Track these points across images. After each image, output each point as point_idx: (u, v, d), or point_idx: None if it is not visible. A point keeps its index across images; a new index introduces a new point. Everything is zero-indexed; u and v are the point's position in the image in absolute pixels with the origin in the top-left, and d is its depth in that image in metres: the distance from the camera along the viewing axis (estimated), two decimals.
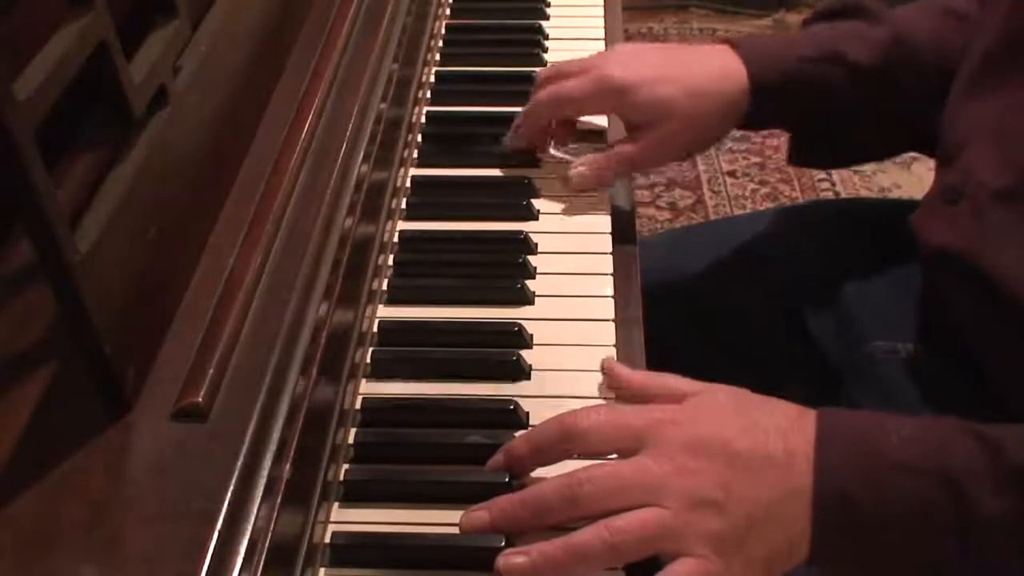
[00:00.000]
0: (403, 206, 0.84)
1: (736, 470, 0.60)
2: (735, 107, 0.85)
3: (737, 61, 0.85)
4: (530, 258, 0.80)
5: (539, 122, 0.88)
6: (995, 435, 0.61)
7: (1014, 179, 0.74)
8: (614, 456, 0.62)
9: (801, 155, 0.95)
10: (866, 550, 0.61)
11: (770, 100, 0.85)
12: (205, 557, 0.47)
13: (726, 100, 0.85)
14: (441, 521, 0.62)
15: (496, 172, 0.88)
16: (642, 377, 0.68)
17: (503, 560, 0.58)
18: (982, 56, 0.80)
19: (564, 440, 0.62)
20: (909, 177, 2.14)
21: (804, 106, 0.88)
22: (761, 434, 0.61)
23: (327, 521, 0.62)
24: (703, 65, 0.85)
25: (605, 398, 0.69)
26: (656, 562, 0.59)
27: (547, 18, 1.09)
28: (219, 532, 0.48)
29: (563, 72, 0.86)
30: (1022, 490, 0.59)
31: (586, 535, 0.58)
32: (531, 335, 0.73)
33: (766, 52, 0.86)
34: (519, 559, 0.58)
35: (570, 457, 0.63)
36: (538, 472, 0.63)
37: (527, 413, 0.68)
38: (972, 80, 0.81)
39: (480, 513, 0.60)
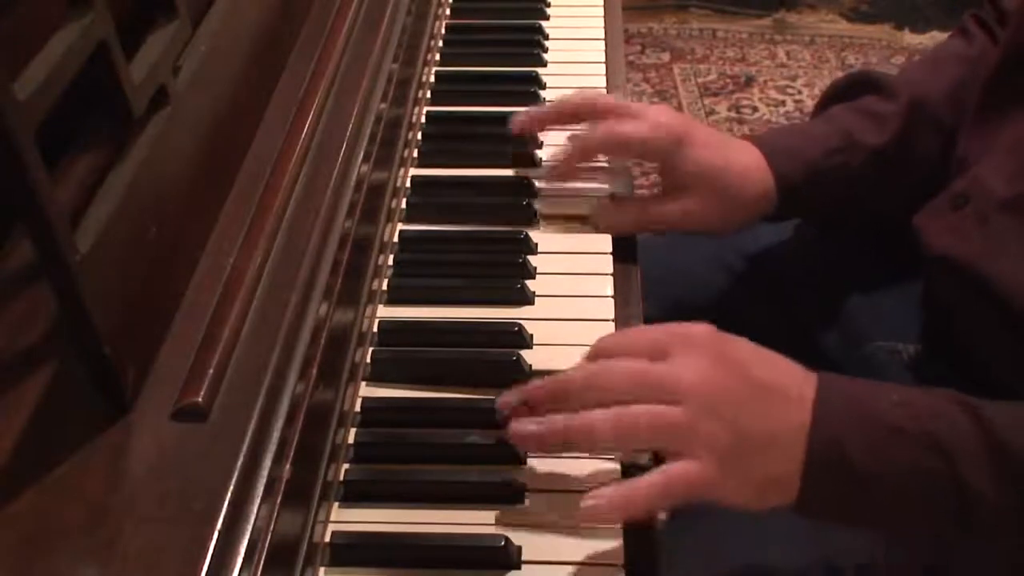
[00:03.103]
0: (403, 206, 0.84)
1: (751, 394, 0.63)
2: (765, 200, 0.85)
3: (762, 158, 0.85)
4: (530, 258, 0.80)
5: (589, 157, 0.85)
6: (987, 410, 0.62)
7: (1022, 190, 0.74)
8: None
9: (831, 230, 0.97)
10: (851, 506, 0.63)
11: (796, 195, 0.86)
12: (205, 557, 0.47)
13: (759, 191, 0.85)
14: (441, 521, 0.62)
15: (496, 172, 0.88)
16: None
17: (513, 424, 0.61)
18: (995, 69, 0.80)
19: (596, 355, 0.64)
20: None
21: (828, 196, 0.88)
22: (777, 372, 0.65)
23: (327, 521, 0.62)
24: (741, 153, 0.85)
25: None
26: (656, 561, 0.60)
27: (547, 18, 1.09)
28: (219, 532, 0.48)
29: (607, 110, 0.84)
30: (1003, 461, 0.61)
31: (595, 413, 0.60)
32: (531, 335, 0.73)
33: (787, 149, 0.86)
34: (529, 424, 0.61)
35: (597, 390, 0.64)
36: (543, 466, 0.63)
37: None
38: (986, 93, 0.81)
39: (512, 393, 0.64)
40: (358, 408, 0.68)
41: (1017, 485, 0.61)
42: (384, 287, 0.77)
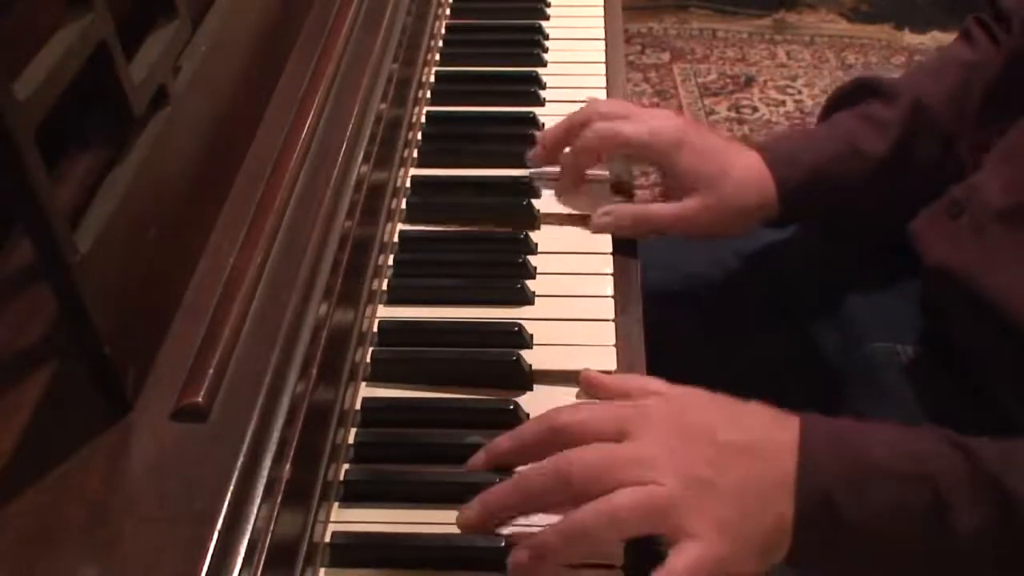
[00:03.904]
0: (403, 206, 0.84)
1: (724, 456, 0.60)
2: (767, 206, 0.85)
3: (763, 165, 0.85)
4: (530, 258, 0.80)
5: (589, 160, 0.85)
6: (975, 446, 0.61)
7: (1017, 200, 0.74)
8: None
9: (832, 236, 0.96)
10: (846, 553, 0.61)
11: (797, 201, 0.85)
12: (205, 557, 0.47)
13: (760, 197, 0.85)
14: (441, 521, 0.62)
15: (496, 172, 0.88)
16: (618, 379, 0.68)
17: (510, 560, 0.58)
18: (996, 76, 0.80)
19: (548, 435, 0.61)
20: None
21: (830, 203, 0.88)
22: (745, 428, 0.62)
23: (327, 521, 0.62)
24: (741, 157, 0.85)
25: (586, 396, 0.69)
26: (655, 563, 0.59)
27: (547, 18, 1.09)
28: (219, 532, 0.48)
29: (605, 114, 0.85)
30: (995, 500, 0.59)
31: (583, 512, 0.57)
32: (531, 335, 0.73)
33: (789, 155, 0.86)
34: (519, 553, 0.58)
35: (554, 455, 0.62)
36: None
37: (527, 414, 0.68)
38: (987, 100, 0.81)
39: (470, 508, 0.60)
40: (358, 408, 0.68)
41: (1003, 520, 0.59)
42: (384, 287, 0.77)
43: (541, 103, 0.97)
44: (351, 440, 0.66)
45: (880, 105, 0.89)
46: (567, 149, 0.86)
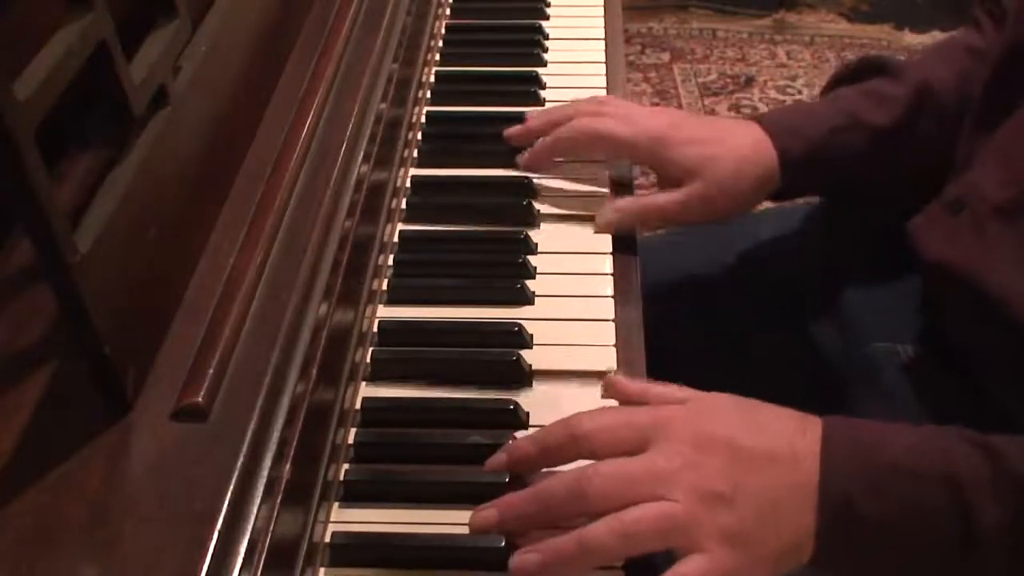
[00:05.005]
0: (403, 206, 0.84)
1: (742, 465, 0.60)
2: (768, 180, 0.85)
3: (765, 137, 0.85)
4: (530, 258, 0.80)
5: (567, 151, 0.87)
6: (997, 444, 0.61)
7: (1014, 194, 0.74)
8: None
9: (837, 214, 0.96)
10: (868, 555, 0.61)
11: (799, 173, 0.86)
12: (205, 557, 0.47)
13: (759, 173, 0.85)
14: (441, 521, 0.62)
15: (496, 172, 0.88)
16: (641, 386, 0.67)
17: (514, 560, 0.58)
18: (992, 72, 0.80)
19: (570, 441, 0.61)
20: None
21: (832, 175, 0.88)
22: (766, 434, 0.62)
23: (327, 521, 0.62)
24: (735, 137, 0.85)
25: (605, 398, 0.69)
26: (655, 563, 0.59)
27: (547, 18, 1.09)
28: (219, 532, 0.48)
29: (591, 108, 0.86)
30: (1016, 496, 0.59)
31: (598, 527, 0.57)
32: (531, 335, 0.73)
33: (791, 126, 0.86)
34: (531, 556, 0.58)
35: (575, 460, 0.63)
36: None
37: (527, 413, 0.68)
38: (985, 96, 0.81)
39: (488, 511, 0.60)
40: (358, 408, 0.68)
41: (1022, 515, 0.59)
42: (384, 287, 0.77)
43: (541, 103, 0.97)
44: (351, 440, 0.66)
45: (886, 82, 0.89)
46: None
